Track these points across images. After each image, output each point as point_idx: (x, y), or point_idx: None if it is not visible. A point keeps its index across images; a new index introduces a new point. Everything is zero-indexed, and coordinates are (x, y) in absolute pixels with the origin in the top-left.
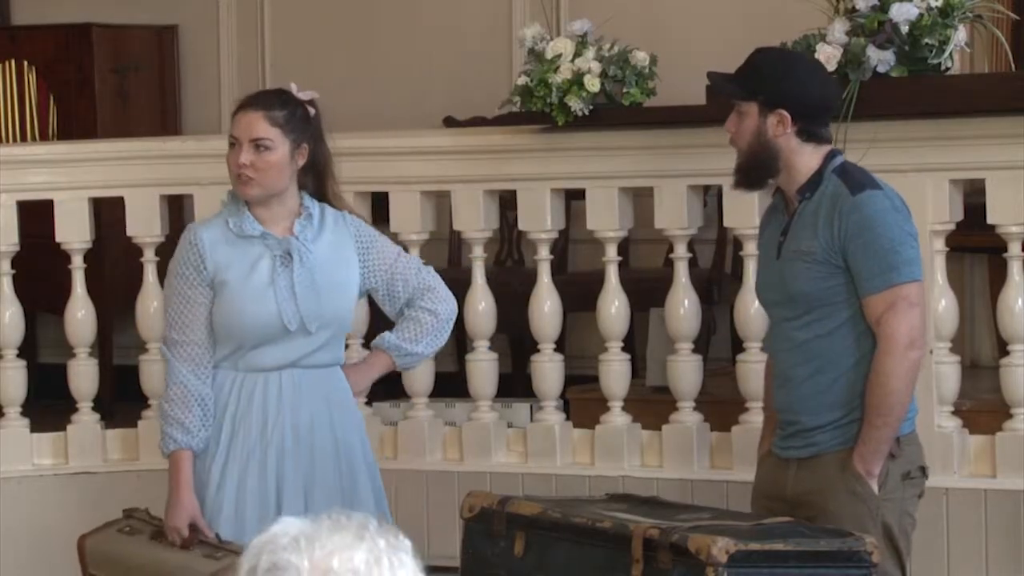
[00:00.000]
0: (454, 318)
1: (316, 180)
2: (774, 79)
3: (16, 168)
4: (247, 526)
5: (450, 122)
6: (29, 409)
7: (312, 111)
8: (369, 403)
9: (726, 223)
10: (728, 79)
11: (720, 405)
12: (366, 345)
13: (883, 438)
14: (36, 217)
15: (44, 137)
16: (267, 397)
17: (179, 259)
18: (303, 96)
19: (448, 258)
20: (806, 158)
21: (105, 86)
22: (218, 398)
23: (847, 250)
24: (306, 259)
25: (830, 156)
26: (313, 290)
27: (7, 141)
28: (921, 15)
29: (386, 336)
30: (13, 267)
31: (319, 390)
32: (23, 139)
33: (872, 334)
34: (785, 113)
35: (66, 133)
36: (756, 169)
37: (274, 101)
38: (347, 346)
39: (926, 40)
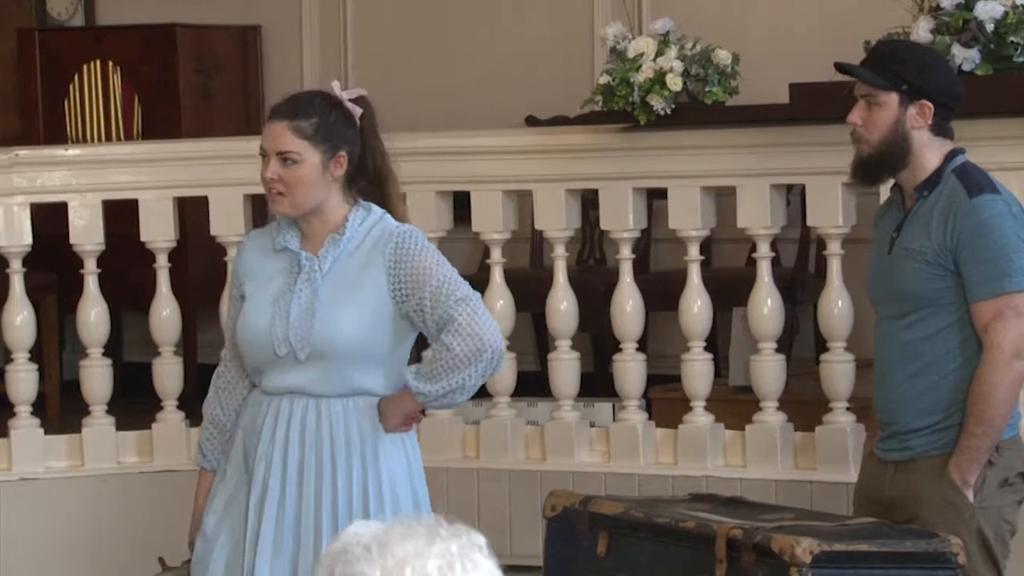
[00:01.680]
0: (482, 359)
1: (372, 186)
2: (918, 69)
3: (101, 168)
4: (215, 550)
5: (532, 121)
6: (114, 407)
7: (358, 110)
8: None
9: (809, 222)
10: (866, 68)
11: (804, 405)
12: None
13: (982, 447)
14: (121, 216)
15: (128, 137)
16: (260, 424)
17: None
18: (347, 95)
19: (530, 258)
20: (932, 153)
21: (189, 86)
22: (242, 415)
23: (959, 253)
24: (314, 280)
25: (951, 155)
26: (309, 314)
27: (92, 141)
28: (1006, 13)
29: (407, 368)
30: (99, 266)
31: (324, 424)
32: (108, 139)
33: (977, 339)
34: (928, 104)
35: (150, 133)
36: (885, 162)
37: (301, 109)
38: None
39: (1012, 38)
